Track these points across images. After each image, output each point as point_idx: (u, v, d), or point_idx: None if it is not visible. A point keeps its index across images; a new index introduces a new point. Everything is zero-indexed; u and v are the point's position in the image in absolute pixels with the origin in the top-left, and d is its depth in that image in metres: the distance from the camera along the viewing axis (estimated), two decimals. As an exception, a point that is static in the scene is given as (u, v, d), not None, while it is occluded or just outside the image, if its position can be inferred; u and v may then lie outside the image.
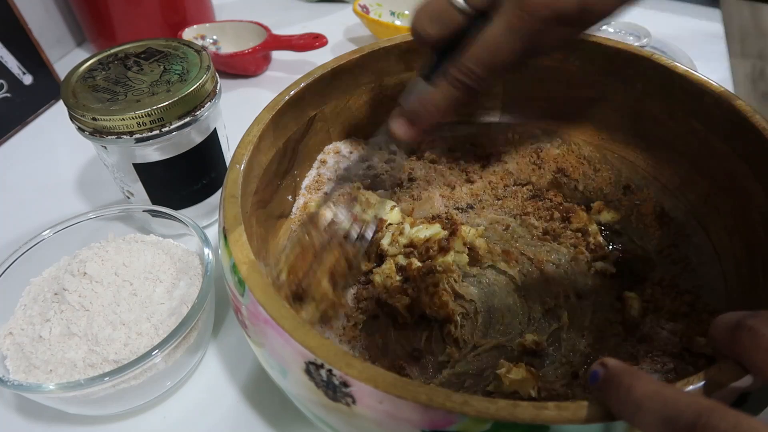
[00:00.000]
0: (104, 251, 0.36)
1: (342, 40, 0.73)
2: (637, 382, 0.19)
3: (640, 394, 0.18)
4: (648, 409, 0.18)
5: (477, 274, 0.39)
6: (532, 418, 0.19)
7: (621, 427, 0.20)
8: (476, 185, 0.44)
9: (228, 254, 0.26)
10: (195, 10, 0.70)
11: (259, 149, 0.33)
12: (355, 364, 0.21)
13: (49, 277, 0.36)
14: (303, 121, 0.38)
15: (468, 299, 0.37)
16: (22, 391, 0.29)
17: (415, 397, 0.20)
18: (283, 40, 0.61)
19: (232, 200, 0.29)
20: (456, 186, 0.44)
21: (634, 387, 0.19)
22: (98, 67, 0.40)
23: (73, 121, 0.37)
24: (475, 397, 0.20)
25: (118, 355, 0.31)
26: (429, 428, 0.21)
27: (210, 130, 0.41)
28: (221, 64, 0.63)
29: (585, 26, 0.25)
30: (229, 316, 0.39)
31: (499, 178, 0.44)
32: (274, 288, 0.24)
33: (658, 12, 0.73)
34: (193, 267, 0.37)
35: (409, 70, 0.43)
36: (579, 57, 0.41)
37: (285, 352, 0.23)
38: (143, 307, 0.33)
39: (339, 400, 0.22)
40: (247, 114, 0.37)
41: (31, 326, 0.33)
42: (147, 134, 0.36)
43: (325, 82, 0.39)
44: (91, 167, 0.53)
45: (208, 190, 0.44)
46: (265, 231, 0.35)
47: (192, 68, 0.39)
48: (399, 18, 0.70)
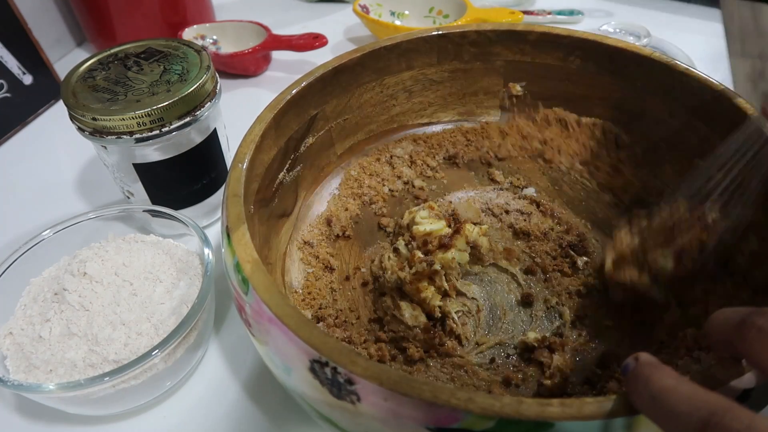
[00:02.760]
0: (104, 251, 0.35)
1: (342, 40, 0.73)
2: (656, 375, 0.19)
3: (657, 388, 0.18)
4: (662, 403, 0.18)
5: (479, 272, 0.39)
6: (536, 414, 0.19)
7: (624, 424, 0.20)
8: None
9: (231, 253, 0.26)
10: (195, 10, 0.70)
11: (261, 148, 0.33)
12: (360, 362, 0.21)
13: (49, 277, 0.36)
14: (304, 120, 0.38)
15: (470, 297, 0.37)
16: (22, 391, 0.29)
17: (420, 394, 0.20)
18: (283, 40, 0.61)
19: (235, 199, 0.29)
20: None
21: (652, 380, 0.19)
22: (98, 67, 0.40)
23: (73, 121, 0.37)
24: (480, 394, 0.20)
25: (118, 355, 0.31)
26: (434, 425, 0.20)
27: (210, 130, 0.41)
28: (221, 64, 0.63)
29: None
30: (230, 316, 0.39)
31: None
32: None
33: (658, 12, 0.74)
34: (193, 267, 0.36)
35: (410, 69, 0.44)
36: (579, 56, 0.42)
37: (289, 350, 0.23)
38: (143, 307, 0.33)
39: (343, 398, 0.22)
40: (247, 114, 0.37)
41: (31, 326, 0.33)
42: (147, 134, 0.36)
43: (326, 81, 0.39)
44: (91, 167, 0.53)
45: (209, 190, 0.43)
46: (267, 230, 0.35)
47: (192, 68, 0.39)
48: (399, 18, 0.70)
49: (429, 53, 0.43)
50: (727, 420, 0.16)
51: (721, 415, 0.16)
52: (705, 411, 0.17)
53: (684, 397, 0.18)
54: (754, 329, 0.18)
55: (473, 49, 0.43)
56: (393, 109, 0.45)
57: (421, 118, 0.46)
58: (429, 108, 0.46)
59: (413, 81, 0.44)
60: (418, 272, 0.34)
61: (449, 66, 0.44)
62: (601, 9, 0.74)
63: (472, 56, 0.44)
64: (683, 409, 0.17)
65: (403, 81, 0.44)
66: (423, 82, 0.45)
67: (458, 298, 0.37)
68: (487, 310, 0.36)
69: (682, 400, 0.17)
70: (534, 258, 0.39)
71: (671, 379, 0.18)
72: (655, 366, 0.19)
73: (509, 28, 0.42)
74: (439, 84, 0.45)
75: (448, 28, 0.42)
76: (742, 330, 0.19)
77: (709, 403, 0.17)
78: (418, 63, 0.43)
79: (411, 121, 0.46)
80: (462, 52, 0.44)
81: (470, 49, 0.43)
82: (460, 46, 0.43)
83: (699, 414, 0.17)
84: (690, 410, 0.17)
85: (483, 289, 0.38)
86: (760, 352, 0.18)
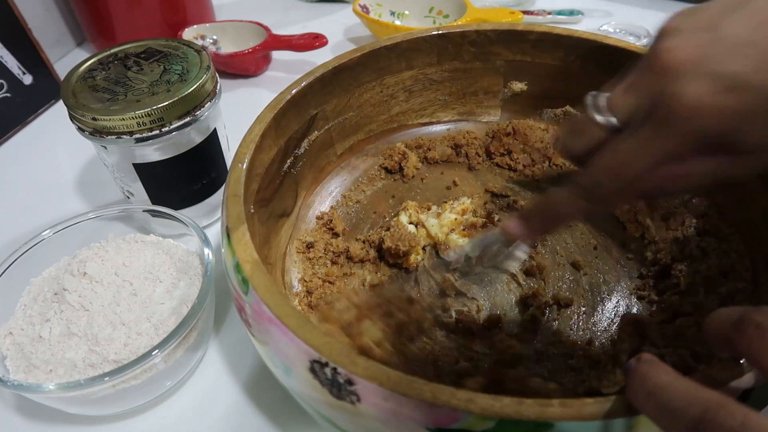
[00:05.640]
0: (104, 251, 0.35)
1: (342, 40, 0.73)
2: (653, 372, 0.19)
3: (653, 384, 0.18)
4: (658, 399, 0.18)
5: (479, 272, 0.38)
6: (536, 415, 0.19)
7: (624, 425, 0.20)
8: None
9: (231, 253, 0.26)
10: (195, 10, 0.70)
11: (261, 148, 0.33)
12: (360, 362, 0.21)
13: (49, 277, 0.36)
14: (304, 120, 0.38)
15: (470, 297, 0.37)
16: (22, 391, 0.29)
17: (420, 394, 0.20)
18: (283, 40, 0.61)
19: (235, 199, 0.29)
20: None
21: (649, 377, 0.19)
22: (98, 67, 0.40)
23: (73, 121, 0.37)
24: (480, 395, 0.20)
25: (118, 355, 0.31)
26: (434, 426, 0.20)
27: (210, 130, 0.41)
28: (221, 64, 0.63)
29: (731, 156, 0.21)
30: (230, 316, 0.39)
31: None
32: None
33: (658, 12, 0.74)
34: (193, 267, 0.36)
35: (410, 69, 0.44)
36: (579, 56, 0.42)
37: (289, 351, 0.23)
38: (143, 307, 0.33)
39: (343, 398, 0.22)
40: (247, 114, 0.37)
41: (31, 326, 0.33)
42: (147, 134, 0.36)
43: (326, 81, 0.39)
44: (91, 167, 0.53)
45: (208, 190, 0.43)
46: (267, 230, 0.35)
47: (192, 68, 0.39)
48: (399, 18, 0.70)
49: (429, 53, 0.43)
50: (722, 416, 0.16)
51: (715, 411, 0.16)
52: (699, 407, 0.17)
53: (679, 394, 0.18)
54: (752, 326, 0.18)
55: (473, 49, 0.44)
56: (393, 109, 0.45)
57: (421, 117, 0.46)
58: (429, 108, 0.46)
59: (413, 81, 0.44)
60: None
61: (449, 66, 0.44)
62: (601, 9, 0.74)
63: (472, 56, 0.44)
64: (678, 405, 0.17)
65: (403, 81, 0.44)
66: (423, 81, 0.45)
67: (458, 298, 0.37)
68: (487, 310, 0.36)
69: (678, 397, 0.17)
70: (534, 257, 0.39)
71: (667, 376, 0.18)
72: (654, 363, 0.19)
73: (509, 28, 0.42)
74: (439, 84, 0.45)
75: (448, 28, 0.42)
76: (740, 327, 0.19)
77: (703, 399, 0.17)
78: (418, 63, 0.43)
79: (411, 121, 0.46)
80: (462, 52, 0.44)
81: (470, 49, 0.43)
82: (460, 46, 0.43)
83: (693, 410, 0.17)
84: (685, 406, 0.17)
85: (483, 289, 0.38)
86: (758, 349, 0.18)
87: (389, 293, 0.33)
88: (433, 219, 0.40)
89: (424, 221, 0.40)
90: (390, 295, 0.32)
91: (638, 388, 0.19)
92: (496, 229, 0.30)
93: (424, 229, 0.40)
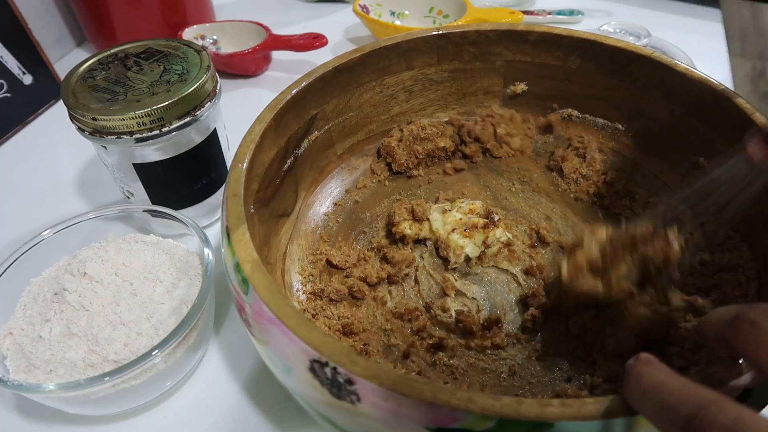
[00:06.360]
0: (104, 251, 0.35)
1: (342, 40, 0.73)
2: (648, 370, 0.19)
3: (648, 382, 0.18)
4: (652, 397, 0.18)
5: (479, 272, 0.39)
6: (536, 415, 0.19)
7: (624, 424, 0.20)
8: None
9: (231, 253, 0.26)
10: (195, 10, 0.70)
11: (261, 148, 0.33)
12: (360, 362, 0.21)
13: (49, 277, 0.36)
14: (304, 120, 0.38)
15: (470, 297, 0.37)
16: (22, 391, 0.29)
17: (420, 394, 0.20)
18: (283, 40, 0.61)
19: (235, 199, 0.29)
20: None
21: (644, 375, 0.19)
22: (98, 67, 0.40)
23: (73, 121, 0.37)
24: (480, 394, 0.20)
25: (118, 355, 0.31)
26: (434, 425, 0.20)
27: (210, 130, 0.41)
28: (221, 64, 0.63)
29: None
30: (230, 316, 0.39)
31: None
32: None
33: (658, 12, 0.74)
34: (193, 267, 0.36)
35: (410, 69, 0.44)
36: (579, 56, 0.42)
37: (289, 350, 0.23)
38: (143, 307, 0.33)
39: (343, 398, 0.22)
40: (247, 114, 0.37)
41: (31, 326, 0.33)
42: (147, 134, 0.36)
43: (326, 81, 0.39)
44: (91, 167, 0.53)
45: (208, 190, 0.43)
46: (267, 230, 0.35)
47: (192, 68, 0.39)
48: (399, 18, 0.70)
49: (429, 53, 0.43)
50: (714, 413, 0.16)
51: (708, 408, 0.16)
52: (693, 404, 0.17)
53: (674, 391, 0.18)
54: (747, 323, 0.18)
55: (473, 49, 0.44)
56: (393, 109, 0.45)
57: (421, 118, 0.46)
58: (429, 108, 0.46)
59: (413, 81, 0.44)
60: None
61: (449, 66, 0.44)
62: (601, 9, 0.74)
63: (472, 56, 0.44)
64: (672, 402, 0.17)
65: (403, 81, 0.44)
66: (423, 82, 0.45)
67: (458, 298, 0.37)
68: (487, 310, 0.36)
69: (671, 394, 0.18)
70: (534, 257, 0.39)
71: (662, 375, 0.19)
72: (650, 363, 0.19)
73: (509, 28, 0.42)
74: (439, 84, 0.45)
75: (448, 28, 0.42)
76: (735, 325, 0.19)
77: (697, 396, 0.17)
78: (418, 63, 0.43)
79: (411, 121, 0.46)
80: (462, 52, 0.44)
81: (470, 49, 0.44)
82: (460, 46, 0.43)
83: (687, 407, 0.17)
84: (678, 404, 0.17)
85: (483, 289, 0.38)
86: (753, 346, 0.18)
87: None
88: (438, 214, 0.40)
89: (428, 215, 0.40)
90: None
91: (634, 386, 0.19)
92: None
93: (427, 222, 0.40)
